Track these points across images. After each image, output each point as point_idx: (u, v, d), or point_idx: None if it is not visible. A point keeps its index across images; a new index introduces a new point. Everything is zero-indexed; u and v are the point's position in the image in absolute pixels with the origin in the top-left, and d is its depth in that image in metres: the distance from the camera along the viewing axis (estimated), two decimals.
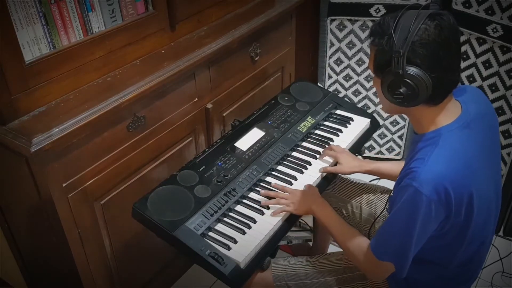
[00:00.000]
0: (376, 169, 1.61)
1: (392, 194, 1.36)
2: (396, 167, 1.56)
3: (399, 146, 2.63)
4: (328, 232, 1.41)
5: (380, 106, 2.50)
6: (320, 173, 1.60)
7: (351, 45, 2.40)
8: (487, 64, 2.14)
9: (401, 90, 1.12)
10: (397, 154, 2.66)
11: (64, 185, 1.39)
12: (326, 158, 1.65)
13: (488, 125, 1.27)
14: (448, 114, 1.18)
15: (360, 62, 2.44)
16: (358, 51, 2.41)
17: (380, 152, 2.68)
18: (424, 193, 1.09)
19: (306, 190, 1.50)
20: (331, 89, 2.53)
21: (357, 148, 1.78)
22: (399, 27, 1.09)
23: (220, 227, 1.41)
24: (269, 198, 1.49)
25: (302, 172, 1.61)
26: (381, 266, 1.23)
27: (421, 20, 1.08)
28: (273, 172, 1.61)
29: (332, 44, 2.42)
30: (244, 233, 1.39)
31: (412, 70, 1.09)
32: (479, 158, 1.19)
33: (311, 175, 1.60)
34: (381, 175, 1.64)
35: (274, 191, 1.51)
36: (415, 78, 1.09)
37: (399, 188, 1.16)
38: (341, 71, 2.49)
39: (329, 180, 1.64)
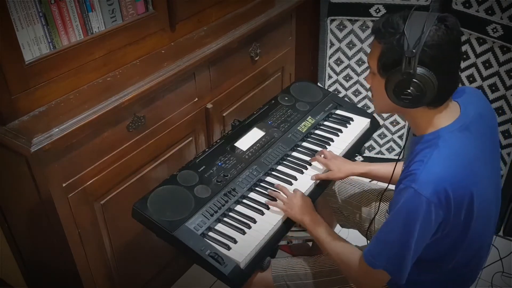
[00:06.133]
0: (369, 172, 1.60)
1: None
2: (389, 169, 1.53)
3: (399, 146, 2.63)
4: (320, 245, 1.38)
5: None
6: (313, 181, 1.58)
7: (351, 45, 2.40)
8: (487, 64, 2.14)
9: (409, 91, 1.10)
10: (397, 154, 2.66)
11: (64, 185, 1.39)
12: (318, 165, 1.63)
13: (488, 126, 1.26)
14: (447, 115, 1.17)
15: (360, 62, 2.44)
16: (358, 51, 2.41)
17: (380, 152, 2.68)
18: (424, 194, 1.07)
19: (304, 199, 1.47)
20: (331, 89, 2.53)
21: (357, 148, 1.78)
22: (410, 26, 1.07)
23: (220, 227, 1.41)
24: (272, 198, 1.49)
25: (302, 172, 1.61)
26: (374, 274, 1.20)
27: (431, 21, 1.07)
28: (273, 172, 1.61)
29: (332, 44, 2.42)
30: (244, 233, 1.39)
31: (422, 71, 1.08)
32: (479, 160, 1.18)
33: (311, 176, 1.60)
34: (375, 178, 1.62)
35: (276, 192, 1.51)
36: (424, 79, 1.08)
37: (398, 191, 1.15)
38: (341, 71, 2.49)
39: (322, 187, 1.61)
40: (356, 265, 1.24)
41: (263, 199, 1.50)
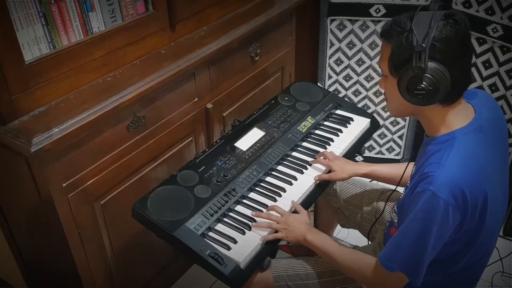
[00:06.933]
0: (371, 172, 1.59)
1: (401, 197, 1.33)
2: (392, 170, 1.54)
3: (399, 146, 2.63)
4: (328, 259, 1.34)
5: (380, 106, 2.52)
6: (313, 181, 1.57)
7: (351, 45, 2.40)
8: (487, 64, 2.14)
9: (422, 86, 1.09)
10: (397, 154, 2.66)
11: (64, 185, 1.39)
12: (318, 165, 1.62)
13: (500, 131, 1.26)
14: (461, 116, 1.17)
15: (360, 62, 2.44)
16: (358, 51, 2.41)
17: (380, 152, 2.68)
18: (442, 197, 1.07)
19: (299, 217, 1.42)
20: (331, 89, 2.53)
21: (357, 148, 1.78)
22: (417, 23, 1.08)
23: (220, 227, 1.41)
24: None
25: (302, 172, 1.61)
26: (391, 278, 1.19)
27: (438, 17, 1.08)
28: (273, 172, 1.61)
29: (332, 44, 2.42)
30: (244, 233, 1.39)
31: (433, 65, 1.08)
32: (491, 163, 1.17)
33: (311, 176, 1.59)
34: (377, 178, 1.62)
35: (266, 213, 1.44)
36: (437, 73, 1.08)
37: (415, 194, 1.13)
38: (341, 71, 2.49)
39: (322, 187, 1.61)
40: (372, 271, 1.23)
41: (263, 199, 1.50)
